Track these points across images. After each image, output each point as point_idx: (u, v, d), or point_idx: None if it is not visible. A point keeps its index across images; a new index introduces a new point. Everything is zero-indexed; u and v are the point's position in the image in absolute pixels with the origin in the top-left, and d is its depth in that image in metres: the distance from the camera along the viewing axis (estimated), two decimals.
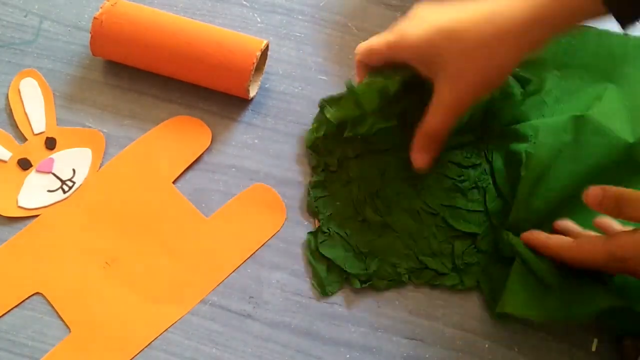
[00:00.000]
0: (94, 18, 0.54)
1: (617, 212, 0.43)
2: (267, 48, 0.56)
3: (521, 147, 0.51)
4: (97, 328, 0.48)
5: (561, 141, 0.50)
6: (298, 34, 0.60)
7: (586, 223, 0.48)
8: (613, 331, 0.49)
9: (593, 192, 0.44)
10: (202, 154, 0.54)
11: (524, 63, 0.47)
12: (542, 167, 0.49)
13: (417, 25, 0.47)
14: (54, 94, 0.56)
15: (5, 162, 0.53)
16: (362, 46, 0.51)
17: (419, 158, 0.50)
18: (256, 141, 0.55)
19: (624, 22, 0.42)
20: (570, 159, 0.49)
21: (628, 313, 0.45)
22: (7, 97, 0.56)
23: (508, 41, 0.44)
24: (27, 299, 0.49)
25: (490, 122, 0.53)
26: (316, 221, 0.52)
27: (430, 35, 0.46)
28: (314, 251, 0.50)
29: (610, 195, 0.44)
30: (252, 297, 0.50)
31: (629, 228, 0.45)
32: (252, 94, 0.56)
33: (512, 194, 0.50)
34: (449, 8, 0.46)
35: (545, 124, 0.51)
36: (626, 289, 0.46)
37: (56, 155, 0.54)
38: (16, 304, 0.49)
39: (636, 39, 0.57)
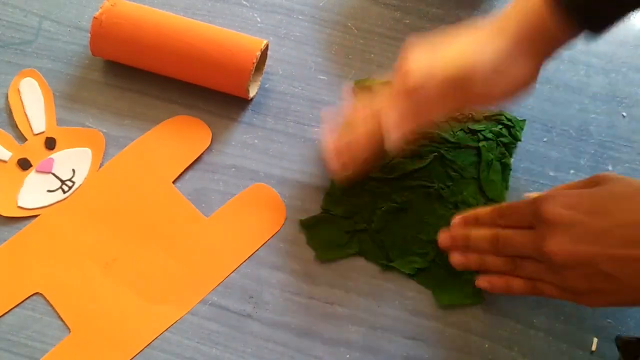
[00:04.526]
0: (94, 18, 0.54)
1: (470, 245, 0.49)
2: (267, 48, 0.56)
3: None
4: (97, 328, 0.48)
5: None
6: (298, 34, 0.60)
7: None
8: (613, 331, 0.49)
9: (443, 237, 0.49)
10: (202, 154, 0.54)
11: None
12: None
13: None
14: (54, 94, 0.56)
15: (5, 162, 0.53)
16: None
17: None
18: (256, 141, 0.55)
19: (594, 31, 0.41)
20: None
21: None
22: (7, 97, 0.56)
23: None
24: (27, 299, 0.49)
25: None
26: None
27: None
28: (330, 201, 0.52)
29: (460, 235, 0.48)
30: (252, 297, 0.50)
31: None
32: (252, 94, 0.56)
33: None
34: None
35: None
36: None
37: (56, 155, 0.54)
38: (16, 304, 0.49)
39: None
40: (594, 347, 0.48)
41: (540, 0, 0.40)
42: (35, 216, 0.51)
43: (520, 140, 0.55)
